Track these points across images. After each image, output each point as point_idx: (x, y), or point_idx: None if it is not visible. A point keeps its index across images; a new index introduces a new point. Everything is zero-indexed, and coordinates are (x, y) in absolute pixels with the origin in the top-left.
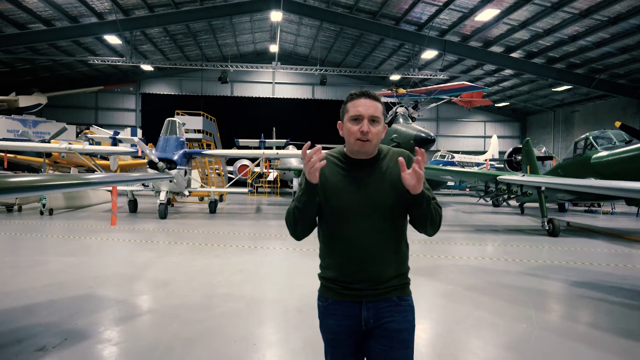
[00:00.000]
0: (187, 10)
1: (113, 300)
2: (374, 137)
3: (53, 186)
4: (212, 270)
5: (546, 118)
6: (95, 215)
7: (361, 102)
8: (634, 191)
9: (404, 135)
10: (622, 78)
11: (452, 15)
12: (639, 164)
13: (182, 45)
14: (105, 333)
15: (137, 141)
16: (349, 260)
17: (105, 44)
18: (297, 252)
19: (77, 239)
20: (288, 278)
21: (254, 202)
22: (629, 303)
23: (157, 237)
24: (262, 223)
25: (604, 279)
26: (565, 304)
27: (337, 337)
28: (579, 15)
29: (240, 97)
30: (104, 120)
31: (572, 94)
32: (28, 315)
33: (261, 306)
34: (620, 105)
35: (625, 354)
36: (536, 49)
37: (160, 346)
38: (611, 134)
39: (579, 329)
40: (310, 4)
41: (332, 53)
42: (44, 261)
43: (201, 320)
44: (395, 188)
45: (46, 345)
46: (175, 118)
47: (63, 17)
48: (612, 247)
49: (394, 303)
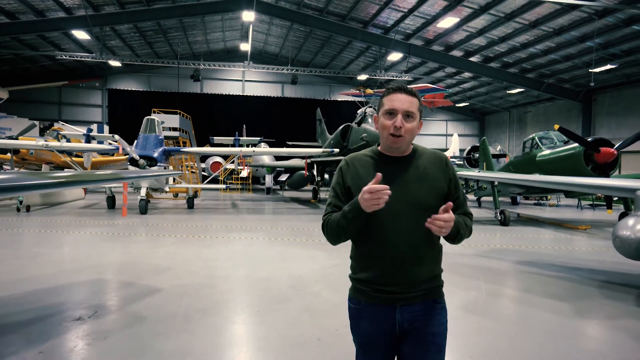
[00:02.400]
0: (160, 7)
1: (123, 283)
2: (408, 133)
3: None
4: (206, 258)
5: (502, 118)
6: (75, 212)
7: (397, 96)
8: (568, 185)
9: (372, 135)
10: (567, 83)
11: (416, 21)
12: (573, 161)
13: (152, 41)
14: (129, 307)
15: (118, 139)
16: (384, 261)
17: (72, 38)
18: (280, 242)
19: (64, 233)
20: (277, 262)
21: (227, 198)
22: (558, 275)
23: (143, 231)
24: (241, 217)
25: (542, 259)
26: (508, 278)
27: (370, 340)
28: (528, 26)
29: (211, 95)
30: (68, 115)
31: (524, 96)
32: (53, 295)
33: (257, 284)
34: (566, 107)
35: (550, 310)
36: (492, 54)
37: (179, 314)
38: (553, 135)
39: (517, 294)
40: (282, 5)
41: (301, 53)
42: (44, 253)
43: (208, 296)
44: (433, 189)
45: (82, 316)
46: (153, 116)
47: (28, 10)
48: (553, 234)
49: (429, 306)
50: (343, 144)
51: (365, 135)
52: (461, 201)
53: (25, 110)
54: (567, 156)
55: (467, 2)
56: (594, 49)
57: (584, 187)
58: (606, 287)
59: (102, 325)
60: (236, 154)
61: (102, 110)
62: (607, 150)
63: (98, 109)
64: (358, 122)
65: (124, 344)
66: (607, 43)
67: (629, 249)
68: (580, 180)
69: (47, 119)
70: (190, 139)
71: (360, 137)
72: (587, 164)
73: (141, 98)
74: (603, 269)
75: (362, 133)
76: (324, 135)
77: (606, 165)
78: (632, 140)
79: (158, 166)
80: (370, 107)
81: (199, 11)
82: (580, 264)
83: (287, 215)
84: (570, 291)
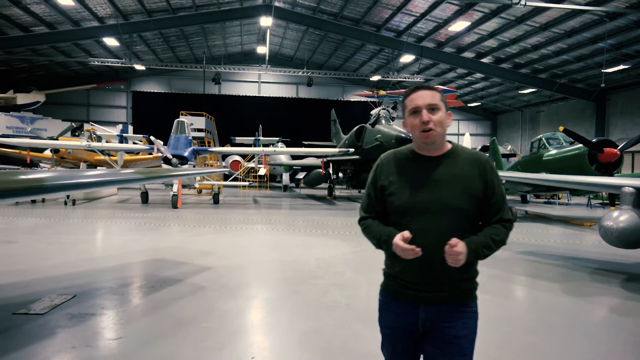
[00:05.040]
0: (184, 15)
1: (179, 262)
2: (437, 125)
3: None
4: (241, 244)
5: (514, 117)
6: (116, 206)
7: (417, 94)
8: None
9: (386, 135)
10: (580, 83)
11: (428, 24)
12: (578, 161)
13: (174, 46)
14: (189, 279)
15: (154, 139)
16: (411, 260)
17: (102, 44)
18: (303, 233)
19: (115, 223)
20: (303, 249)
21: (246, 194)
22: (555, 263)
23: (180, 222)
24: (264, 212)
25: (542, 250)
26: (508, 264)
27: (393, 332)
28: (539, 28)
29: (228, 96)
30: (96, 116)
31: (537, 95)
32: (127, 270)
33: (290, 265)
34: (579, 107)
35: (541, 289)
36: (504, 56)
37: (231, 285)
38: (560, 135)
39: (513, 277)
40: (299, 11)
41: (316, 55)
42: (107, 238)
43: (251, 273)
44: (466, 190)
45: (155, 285)
46: (183, 119)
47: (66, 20)
48: (558, 230)
49: (455, 309)
50: (358, 144)
51: (379, 137)
52: (497, 207)
53: (57, 112)
54: (572, 156)
55: (478, 7)
56: (605, 50)
57: (580, 185)
58: (597, 273)
59: (173, 292)
60: (259, 153)
61: (126, 111)
62: (611, 150)
63: (123, 110)
64: (372, 123)
65: (195, 304)
66: (620, 44)
67: (611, 237)
68: (575, 178)
69: (77, 119)
70: (214, 139)
71: (375, 137)
72: (591, 163)
73: (163, 99)
74: (598, 259)
75: (376, 134)
76: (339, 135)
77: (610, 165)
78: (636, 140)
79: (188, 164)
80: (383, 108)
81: (220, 18)
82: (577, 254)
83: (306, 210)
84: (563, 276)
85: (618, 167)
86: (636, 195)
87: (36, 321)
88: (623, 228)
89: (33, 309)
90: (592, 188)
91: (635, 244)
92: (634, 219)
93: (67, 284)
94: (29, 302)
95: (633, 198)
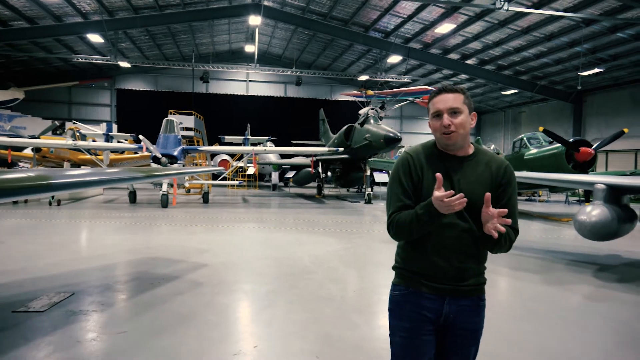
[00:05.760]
0: (171, 13)
1: (175, 260)
2: (459, 127)
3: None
4: (235, 242)
5: (498, 117)
6: (104, 206)
7: (439, 98)
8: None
9: (375, 135)
10: (559, 84)
11: (415, 26)
12: (556, 159)
13: (161, 43)
14: (187, 276)
15: (142, 139)
16: (437, 256)
17: (86, 41)
18: (295, 230)
19: (106, 223)
20: (296, 246)
21: (235, 194)
22: (534, 255)
23: (172, 222)
24: (254, 211)
25: (522, 244)
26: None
27: (414, 324)
28: (521, 32)
29: (216, 94)
30: (78, 115)
31: (519, 96)
32: (128, 267)
33: (284, 261)
34: (558, 107)
35: (520, 279)
36: (487, 58)
37: (228, 281)
38: (540, 135)
39: (494, 268)
40: (288, 11)
41: (304, 54)
42: (99, 238)
43: (247, 269)
44: (486, 190)
45: (153, 282)
46: (172, 118)
47: (48, 15)
48: (537, 225)
49: (474, 303)
50: (347, 144)
51: (368, 136)
52: (509, 213)
53: (37, 110)
54: (550, 155)
55: (463, 10)
56: (581, 53)
57: (558, 182)
58: (572, 265)
59: (171, 288)
60: (249, 152)
61: (110, 109)
62: (586, 150)
63: (107, 108)
64: (361, 123)
65: (194, 299)
66: (595, 48)
67: (585, 230)
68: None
69: (58, 117)
70: (203, 138)
71: (364, 137)
72: (568, 162)
73: (149, 98)
74: (574, 252)
75: (365, 133)
76: (327, 134)
77: (585, 164)
78: (608, 140)
79: (178, 164)
80: (372, 108)
81: (209, 16)
82: (555, 248)
83: (296, 209)
84: (541, 267)
85: (592, 166)
86: (607, 192)
87: (37, 318)
88: (595, 222)
89: (32, 307)
90: (569, 185)
91: (606, 236)
92: (605, 213)
93: (63, 282)
94: (26, 301)
95: (604, 194)
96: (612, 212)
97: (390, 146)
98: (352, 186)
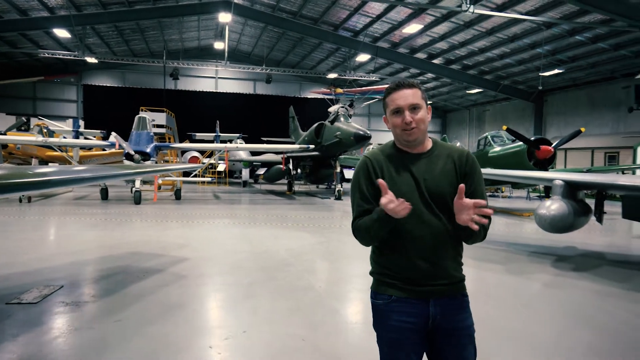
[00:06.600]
0: (141, 9)
1: (156, 255)
2: (419, 123)
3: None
4: (212, 237)
5: (463, 115)
6: (77, 203)
7: (398, 94)
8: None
9: (345, 133)
10: (521, 84)
11: (383, 25)
12: (518, 157)
13: (129, 39)
14: (170, 269)
15: (115, 135)
16: (413, 256)
17: (52, 36)
18: (269, 226)
19: (80, 219)
20: (272, 240)
21: (206, 190)
22: (498, 248)
23: (146, 218)
24: (228, 207)
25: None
26: None
27: (401, 335)
28: (485, 33)
29: (184, 91)
30: (43, 110)
31: (483, 95)
32: (109, 262)
33: (262, 255)
34: (520, 106)
35: (485, 269)
36: (453, 57)
37: (211, 274)
38: (503, 134)
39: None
40: (258, 8)
41: (274, 52)
42: (75, 234)
43: (227, 263)
44: (452, 184)
45: (139, 275)
46: (144, 115)
47: (12, 9)
48: (500, 220)
49: (458, 300)
50: (317, 141)
51: (339, 134)
52: (474, 199)
53: (0, 105)
54: (513, 153)
55: (430, 11)
56: (542, 55)
57: (520, 179)
58: (533, 256)
59: (156, 280)
60: (221, 149)
61: (77, 105)
62: (546, 148)
63: (73, 104)
64: (331, 121)
65: (180, 290)
66: (555, 50)
67: (544, 223)
68: (516, 172)
69: (22, 113)
70: (174, 135)
71: (334, 134)
72: (529, 159)
73: (116, 94)
74: (534, 244)
75: (335, 131)
76: (297, 131)
77: (545, 161)
78: (567, 139)
79: (151, 161)
80: (342, 106)
81: (179, 13)
82: (517, 240)
83: (269, 205)
84: (504, 258)
85: (552, 163)
86: (565, 188)
87: (31, 309)
88: (554, 215)
89: (25, 299)
90: (530, 181)
91: (564, 229)
92: (563, 207)
93: (49, 276)
94: (16, 294)
95: (562, 190)
96: (569, 207)
97: (360, 143)
98: (322, 183)
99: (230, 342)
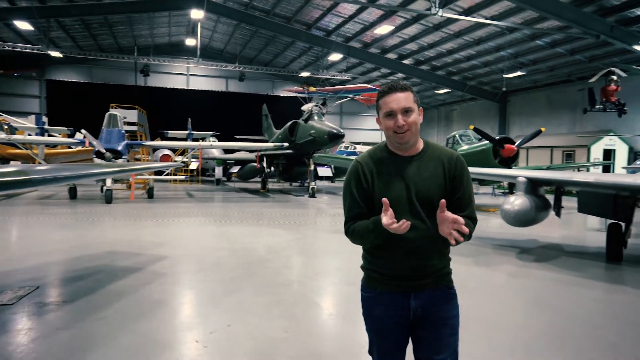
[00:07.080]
0: (110, 3)
1: (133, 253)
2: (412, 126)
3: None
4: (189, 235)
5: (431, 115)
6: (43, 202)
7: (392, 97)
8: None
9: (319, 131)
10: (486, 85)
11: (355, 26)
12: (484, 155)
13: (96, 34)
14: (149, 268)
15: (85, 133)
16: (399, 254)
17: (12, 27)
18: (245, 223)
19: (50, 219)
20: (249, 237)
21: (178, 188)
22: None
23: (118, 217)
24: (202, 205)
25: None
26: None
27: (384, 327)
28: (453, 36)
29: (155, 88)
30: (2, 106)
31: (451, 95)
32: (86, 261)
33: (241, 252)
34: (486, 106)
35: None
36: (422, 58)
37: (192, 271)
38: (470, 133)
39: None
40: (231, 6)
41: (246, 49)
42: (40, 234)
43: (207, 260)
44: (440, 186)
45: (118, 274)
46: (115, 112)
47: None
48: None
49: (441, 292)
50: (291, 139)
51: (312, 132)
52: (464, 204)
53: None
54: (479, 151)
55: (400, 13)
56: (505, 57)
57: (486, 176)
58: (498, 249)
59: (137, 279)
60: (195, 147)
61: (39, 101)
62: (510, 146)
63: (35, 100)
64: (305, 119)
65: (161, 288)
66: (517, 53)
67: (509, 217)
68: (483, 170)
69: None
70: (145, 133)
71: (308, 133)
72: (495, 157)
73: (83, 90)
74: (500, 238)
75: (309, 129)
76: (270, 129)
77: (509, 159)
78: (528, 138)
79: (122, 159)
80: (316, 105)
81: (150, 8)
82: (484, 235)
83: (243, 203)
84: (473, 251)
85: (515, 161)
86: (527, 184)
87: (8, 311)
88: (518, 210)
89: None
90: (495, 178)
91: (526, 222)
92: (525, 202)
93: (22, 278)
94: None
95: (525, 186)
96: (531, 202)
97: (334, 142)
98: (296, 180)
99: (216, 336)
